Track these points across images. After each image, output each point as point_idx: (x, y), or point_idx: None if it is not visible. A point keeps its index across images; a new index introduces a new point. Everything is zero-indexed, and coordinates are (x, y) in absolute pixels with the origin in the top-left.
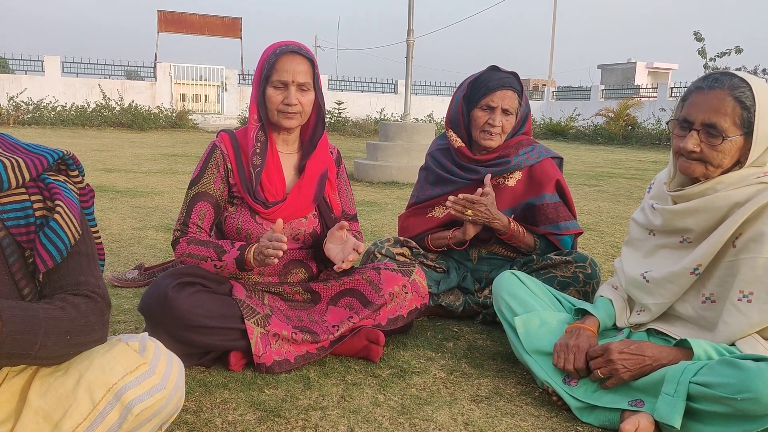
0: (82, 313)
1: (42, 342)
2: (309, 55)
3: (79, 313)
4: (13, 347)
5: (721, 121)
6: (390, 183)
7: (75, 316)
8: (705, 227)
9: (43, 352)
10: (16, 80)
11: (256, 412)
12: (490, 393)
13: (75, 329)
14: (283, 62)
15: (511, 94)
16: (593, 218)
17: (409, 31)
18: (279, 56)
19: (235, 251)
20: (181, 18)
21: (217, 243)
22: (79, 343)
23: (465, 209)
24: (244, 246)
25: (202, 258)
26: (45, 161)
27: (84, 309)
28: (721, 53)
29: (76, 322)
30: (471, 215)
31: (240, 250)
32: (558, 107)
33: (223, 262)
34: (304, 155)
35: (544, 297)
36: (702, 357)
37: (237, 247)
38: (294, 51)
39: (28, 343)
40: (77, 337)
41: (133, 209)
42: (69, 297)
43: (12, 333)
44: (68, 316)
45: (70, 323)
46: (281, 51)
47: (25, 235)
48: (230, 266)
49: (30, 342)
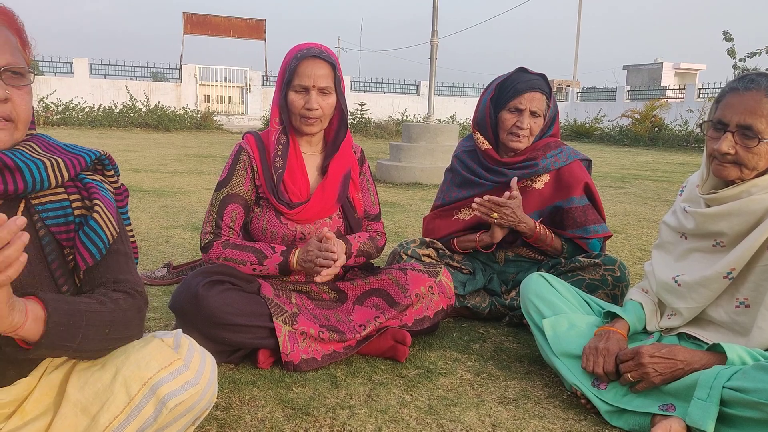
0: (122, 308)
1: (84, 334)
2: (330, 59)
3: (118, 308)
4: (57, 339)
5: (756, 122)
6: (413, 184)
7: (114, 310)
8: (739, 231)
9: (84, 345)
10: (45, 82)
11: (284, 409)
12: (518, 395)
13: (115, 323)
14: (304, 67)
15: (539, 96)
16: (620, 221)
17: (433, 32)
18: (300, 61)
19: (278, 257)
20: (206, 20)
21: (256, 247)
22: (118, 337)
23: (491, 211)
24: (286, 251)
25: (240, 262)
26: (83, 161)
27: (123, 304)
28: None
29: (116, 315)
30: (497, 218)
31: (283, 256)
32: (583, 108)
33: (264, 266)
34: (327, 156)
35: (573, 299)
36: (736, 362)
37: (279, 252)
38: (315, 55)
39: (70, 335)
40: (116, 331)
41: (160, 209)
42: (109, 292)
43: (56, 324)
44: (108, 310)
45: (110, 317)
46: (302, 55)
47: (65, 234)
48: (271, 271)
49: (72, 334)
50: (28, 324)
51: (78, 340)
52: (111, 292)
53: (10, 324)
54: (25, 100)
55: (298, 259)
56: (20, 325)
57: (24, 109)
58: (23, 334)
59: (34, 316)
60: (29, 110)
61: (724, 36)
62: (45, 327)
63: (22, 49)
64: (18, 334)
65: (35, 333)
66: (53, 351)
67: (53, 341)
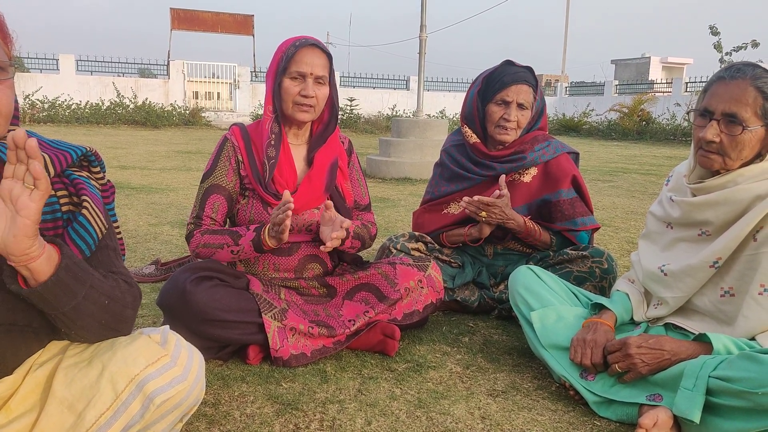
0: (121, 289)
1: (86, 294)
2: (327, 50)
3: (118, 287)
4: (61, 286)
5: (741, 110)
6: (403, 179)
7: (115, 287)
8: (725, 220)
9: (83, 307)
10: (31, 79)
11: (274, 405)
12: (507, 387)
13: (113, 299)
14: (302, 54)
15: (526, 88)
16: (608, 214)
17: (422, 27)
18: (298, 48)
19: (251, 233)
20: (194, 15)
21: (232, 230)
22: (114, 312)
23: (480, 210)
24: (258, 227)
25: (218, 246)
26: (69, 157)
27: (123, 286)
28: (737, 47)
29: (115, 292)
30: (485, 216)
31: (255, 231)
32: (571, 103)
33: (240, 245)
34: (312, 148)
35: (561, 292)
36: (722, 351)
37: (252, 229)
38: (313, 44)
39: (74, 289)
40: (114, 306)
41: (148, 206)
42: (108, 274)
43: (66, 269)
44: (110, 285)
45: (110, 291)
46: (301, 44)
47: (53, 230)
48: (247, 249)
49: (76, 289)
50: (41, 259)
51: (79, 297)
52: (110, 274)
53: (28, 248)
54: (5, 95)
55: (268, 229)
56: (35, 256)
57: (5, 103)
58: (34, 267)
59: (49, 255)
60: (10, 105)
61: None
62: (55, 269)
63: (2, 43)
64: (29, 266)
65: (44, 272)
66: (54, 297)
67: (57, 287)
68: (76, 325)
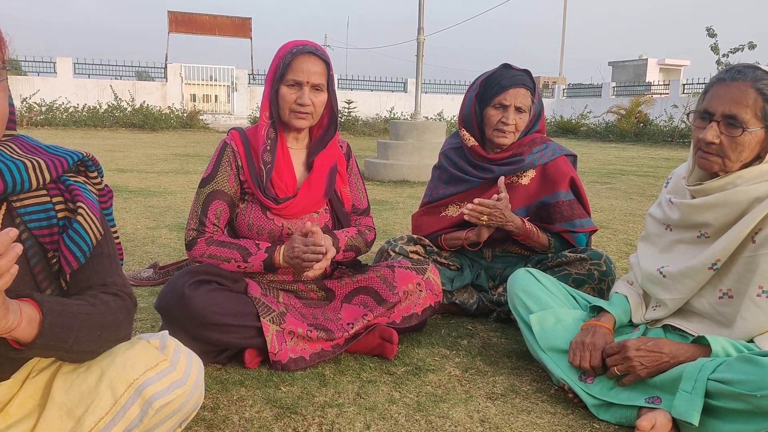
0: (112, 310)
1: (76, 336)
2: (324, 57)
3: (109, 310)
4: (50, 339)
5: (741, 112)
6: (401, 182)
7: (105, 312)
8: (724, 222)
9: (75, 346)
10: (28, 82)
11: (272, 409)
12: (506, 390)
13: (105, 325)
14: (299, 62)
15: (524, 91)
16: (606, 216)
17: (420, 30)
18: (295, 56)
19: (263, 254)
20: (192, 18)
21: (240, 244)
22: (108, 338)
23: (481, 215)
24: (271, 248)
25: (225, 259)
26: (65, 162)
27: (113, 306)
28: (734, 49)
29: (107, 318)
30: (486, 221)
31: (268, 253)
32: (569, 105)
33: (249, 263)
34: (312, 152)
35: (560, 294)
36: (720, 354)
37: (264, 249)
38: (310, 51)
39: (63, 336)
40: (107, 332)
41: (146, 209)
42: (99, 294)
43: (51, 326)
44: (99, 312)
45: (101, 319)
46: (298, 51)
47: (48, 237)
48: (256, 267)
49: (65, 335)
50: (22, 325)
51: (71, 341)
52: (101, 294)
53: (5, 326)
54: None
55: (284, 255)
56: (15, 327)
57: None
58: (18, 335)
59: (29, 318)
60: (4, 109)
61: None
62: (39, 328)
63: None
64: (12, 335)
65: (29, 334)
66: (46, 351)
67: (46, 342)
68: (74, 357)
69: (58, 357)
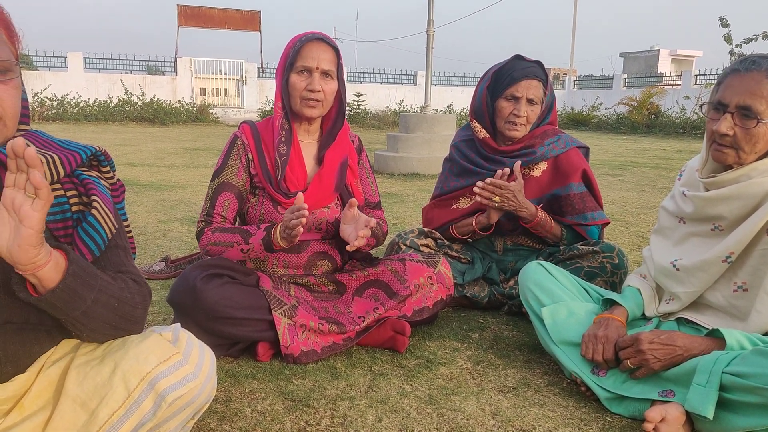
0: (130, 289)
1: (95, 298)
2: (334, 44)
3: (127, 287)
4: (70, 292)
5: (756, 103)
6: (411, 174)
7: (124, 288)
8: (738, 215)
9: (92, 310)
10: (40, 77)
11: (284, 401)
12: (518, 383)
13: (123, 300)
14: (308, 49)
15: (536, 83)
16: (618, 208)
17: (429, 22)
18: (305, 43)
19: (261, 232)
20: (201, 12)
21: (242, 228)
22: (124, 315)
23: (493, 195)
24: (269, 226)
25: (228, 244)
26: (79, 157)
27: (132, 286)
28: (748, 39)
29: (125, 293)
30: (499, 201)
31: (266, 231)
32: (579, 96)
33: (250, 244)
34: (323, 146)
35: (572, 287)
36: (735, 347)
37: (263, 228)
38: (320, 38)
39: (83, 294)
40: (123, 307)
41: (157, 203)
42: (118, 275)
43: (74, 276)
44: (119, 286)
45: (119, 292)
46: (307, 38)
47: (63, 230)
48: (257, 248)
49: (85, 294)
50: (49, 266)
51: (88, 302)
52: (120, 275)
53: (35, 257)
54: (11, 95)
55: (279, 229)
56: (42, 264)
57: (11, 104)
58: (41, 275)
59: (56, 262)
60: (16, 105)
61: (721, 22)
62: (63, 275)
63: (8, 42)
64: (36, 274)
65: (52, 279)
66: (64, 304)
67: (66, 294)
68: (87, 328)
69: (70, 321)
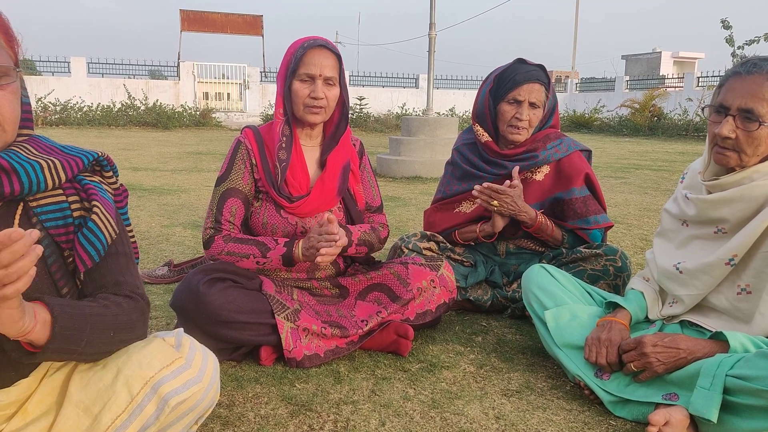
0: (125, 311)
1: (88, 338)
2: (336, 51)
3: (122, 312)
4: (63, 342)
5: (758, 106)
6: (413, 178)
7: (119, 313)
8: (741, 217)
9: (89, 348)
10: (43, 82)
11: (287, 406)
12: (521, 387)
13: (118, 326)
14: (311, 56)
15: (538, 87)
16: (621, 211)
17: (431, 25)
18: (307, 50)
19: (281, 248)
20: (204, 17)
21: (258, 240)
22: (121, 339)
23: (491, 199)
24: (289, 242)
25: (243, 256)
26: (81, 162)
27: (126, 307)
28: (750, 41)
29: (120, 319)
30: (497, 206)
31: (287, 247)
32: (582, 99)
33: (268, 258)
34: (326, 150)
35: (575, 290)
36: (739, 349)
37: (282, 244)
38: (322, 45)
39: (76, 339)
40: (120, 334)
41: (160, 207)
42: (111, 296)
43: (63, 328)
44: (112, 314)
45: (114, 320)
46: (309, 45)
47: (64, 236)
48: (275, 262)
49: (78, 338)
50: (37, 328)
51: (83, 343)
52: (113, 296)
53: (21, 328)
54: (8, 101)
55: (302, 248)
56: (29, 330)
57: (9, 110)
58: (32, 338)
59: (42, 321)
60: (15, 111)
61: (723, 24)
62: (51, 331)
63: (6, 47)
64: (27, 338)
65: (43, 337)
66: (59, 354)
67: (59, 345)
68: (90, 357)
69: (73, 359)
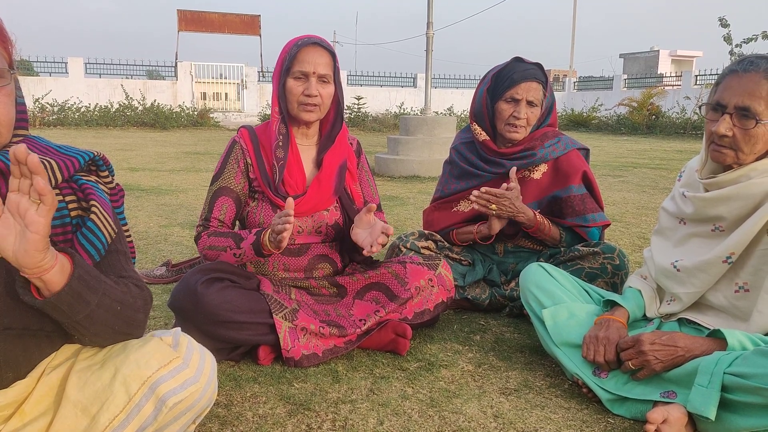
0: (132, 293)
1: (99, 301)
2: (330, 48)
3: (129, 291)
4: (75, 295)
5: (755, 104)
6: (411, 177)
7: (126, 292)
8: (738, 215)
9: (96, 313)
10: (40, 82)
11: (286, 405)
12: (519, 385)
13: (125, 303)
14: (305, 53)
15: (535, 85)
16: (619, 209)
17: (429, 24)
18: (300, 48)
19: (252, 236)
20: (201, 17)
21: (235, 233)
22: (126, 319)
23: (489, 203)
24: (259, 231)
25: (222, 249)
26: (77, 162)
27: (133, 290)
28: (748, 39)
29: (127, 297)
30: (495, 209)
31: (256, 235)
32: (580, 98)
33: (242, 249)
34: (322, 149)
35: (572, 289)
36: (736, 347)
37: (254, 233)
38: (316, 43)
39: (87, 297)
40: (126, 311)
41: (158, 207)
42: (120, 279)
43: (79, 279)
44: (121, 290)
45: (123, 296)
46: (303, 43)
47: (62, 236)
48: (248, 252)
49: (89, 297)
50: (54, 270)
51: (92, 305)
52: (121, 279)
53: (41, 261)
54: (3, 103)
55: (269, 234)
56: (48, 268)
57: (3, 111)
58: (47, 279)
59: (61, 265)
60: (10, 112)
61: (720, 22)
62: (68, 279)
63: (0, 48)
64: (42, 277)
65: (57, 282)
66: (68, 307)
67: (70, 297)
68: (89, 332)
69: (73, 324)
